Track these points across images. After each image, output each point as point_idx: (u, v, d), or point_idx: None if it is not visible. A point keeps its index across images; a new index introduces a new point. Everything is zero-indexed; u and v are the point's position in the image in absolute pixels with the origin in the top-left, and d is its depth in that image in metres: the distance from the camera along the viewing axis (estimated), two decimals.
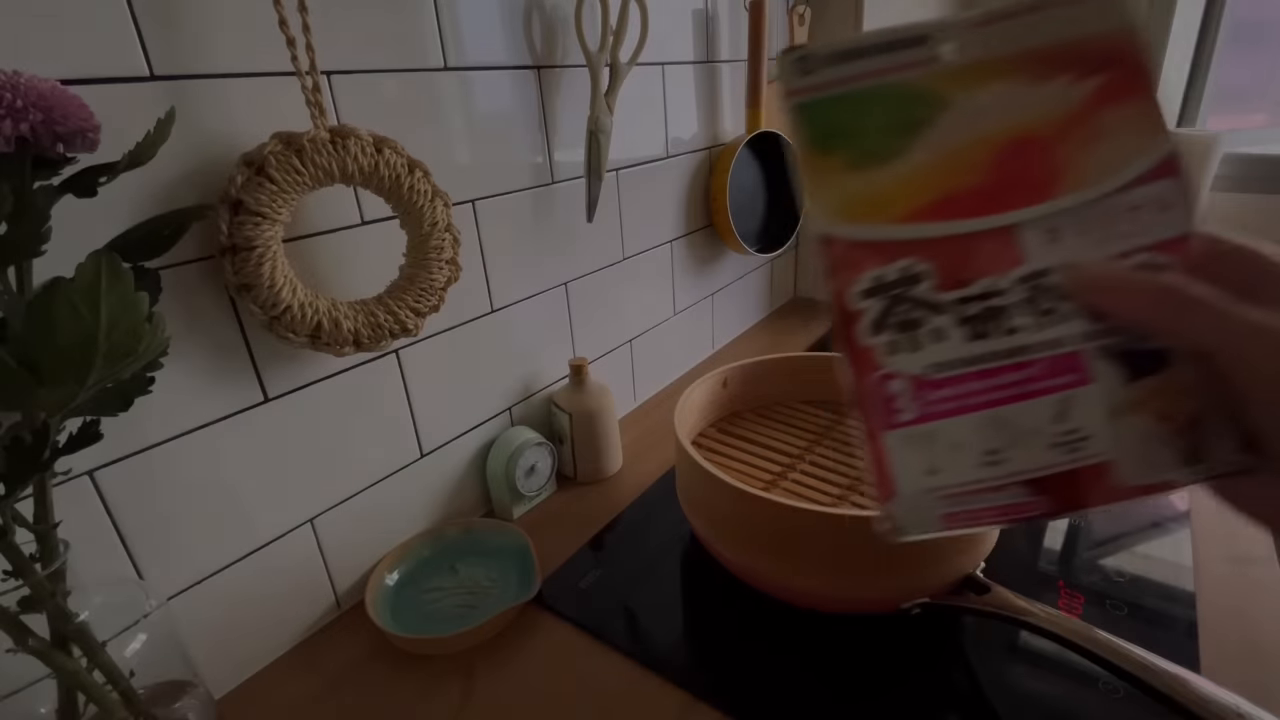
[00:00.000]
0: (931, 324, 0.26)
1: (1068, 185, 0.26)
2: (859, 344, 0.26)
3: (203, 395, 0.43)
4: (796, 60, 0.26)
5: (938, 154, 0.26)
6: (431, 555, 0.59)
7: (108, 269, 0.26)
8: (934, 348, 0.26)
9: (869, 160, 0.26)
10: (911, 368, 0.26)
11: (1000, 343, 0.26)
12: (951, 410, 0.26)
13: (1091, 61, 0.26)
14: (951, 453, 0.26)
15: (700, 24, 0.81)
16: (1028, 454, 0.26)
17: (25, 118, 0.27)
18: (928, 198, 0.26)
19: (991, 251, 0.26)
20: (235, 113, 0.42)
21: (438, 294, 0.51)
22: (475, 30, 0.55)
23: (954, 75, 0.26)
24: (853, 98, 0.26)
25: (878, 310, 0.26)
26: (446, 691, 0.47)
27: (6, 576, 0.31)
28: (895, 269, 0.26)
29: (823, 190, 0.26)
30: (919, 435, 0.26)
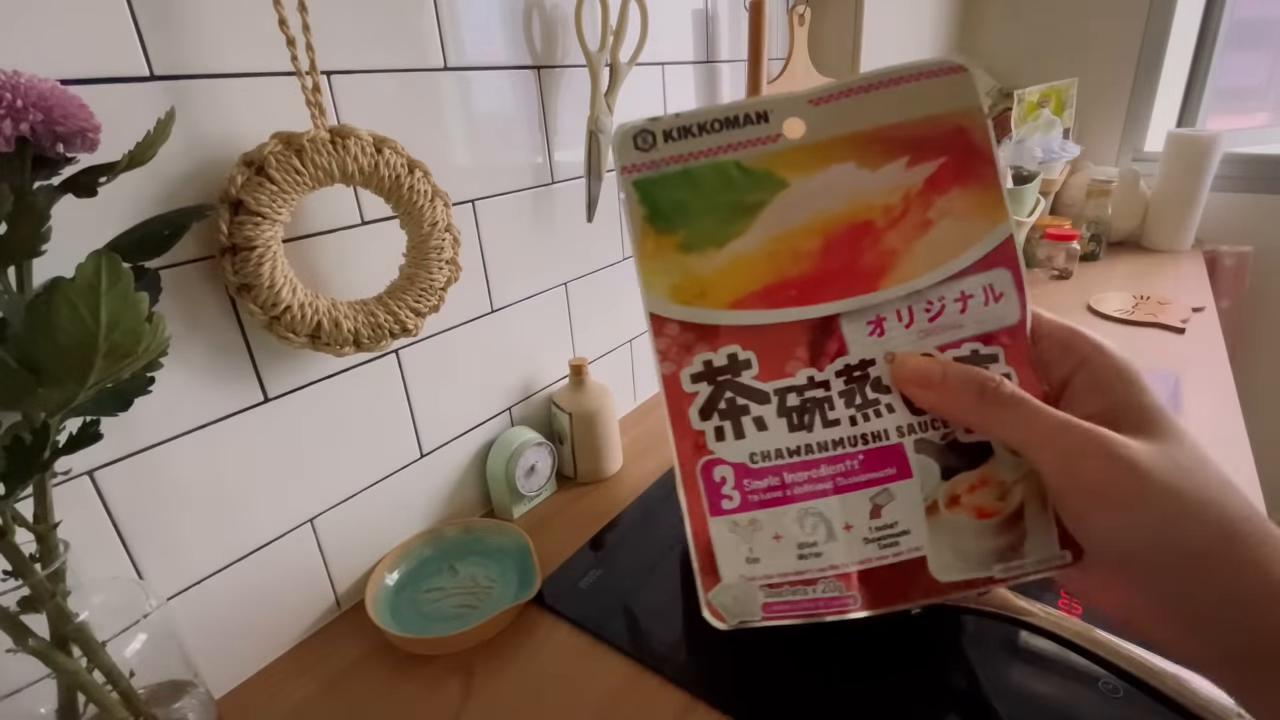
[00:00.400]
0: (754, 413, 0.26)
1: (897, 274, 0.25)
2: (690, 427, 0.26)
3: (203, 395, 0.43)
4: (635, 134, 0.25)
5: (770, 239, 0.25)
6: (431, 555, 0.59)
7: (108, 269, 0.26)
8: (756, 437, 0.26)
9: (703, 242, 0.25)
10: (736, 456, 0.26)
11: (819, 435, 0.26)
12: (773, 500, 0.26)
13: (932, 143, 0.25)
14: (772, 543, 0.26)
15: (700, 24, 0.81)
16: (845, 548, 0.26)
17: (25, 118, 0.27)
18: (757, 284, 0.25)
19: (814, 342, 0.26)
20: (235, 113, 0.42)
21: (438, 294, 0.51)
22: (475, 30, 0.55)
23: (792, 156, 0.25)
24: (691, 176, 0.25)
25: (706, 395, 0.25)
26: (446, 691, 0.47)
27: (6, 576, 0.31)
28: (723, 355, 0.25)
29: (657, 269, 0.25)
30: (742, 523, 0.26)
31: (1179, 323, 0.97)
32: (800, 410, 0.26)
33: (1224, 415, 0.74)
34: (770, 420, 0.26)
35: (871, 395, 0.26)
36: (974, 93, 0.25)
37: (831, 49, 1.05)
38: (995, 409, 0.24)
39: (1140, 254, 1.33)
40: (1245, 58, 1.43)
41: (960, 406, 0.25)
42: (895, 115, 0.25)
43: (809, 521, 0.26)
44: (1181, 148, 1.27)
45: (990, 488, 0.26)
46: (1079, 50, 1.42)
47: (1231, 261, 1.33)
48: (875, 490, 0.26)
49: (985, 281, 0.26)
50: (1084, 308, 1.06)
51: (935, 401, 0.25)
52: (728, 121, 0.25)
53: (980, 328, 0.26)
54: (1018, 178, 1.23)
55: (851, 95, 0.25)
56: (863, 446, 0.26)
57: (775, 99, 0.24)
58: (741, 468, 0.26)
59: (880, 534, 0.26)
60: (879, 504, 0.26)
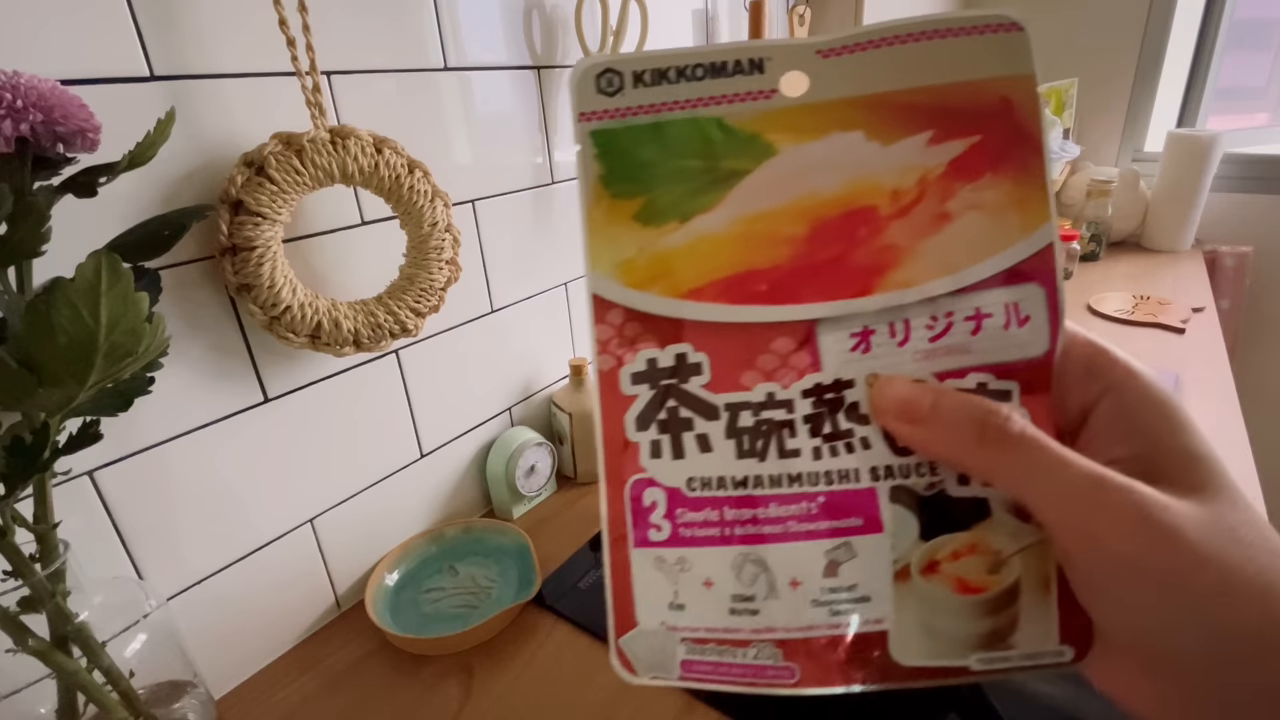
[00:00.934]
0: (699, 429, 0.21)
1: (898, 277, 0.20)
2: (623, 437, 0.21)
3: (203, 395, 0.43)
4: (600, 73, 0.20)
5: (746, 218, 0.21)
6: (431, 555, 0.59)
7: (108, 269, 0.26)
8: (698, 459, 0.21)
9: (664, 214, 0.21)
10: (671, 478, 0.21)
11: (773, 466, 0.21)
12: (708, 539, 0.21)
13: (965, 116, 0.20)
14: (701, 590, 0.21)
15: (700, 24, 0.81)
16: (788, 608, 0.21)
17: (25, 118, 0.27)
18: (721, 272, 0.21)
19: (782, 350, 0.21)
20: (235, 113, 0.41)
21: (438, 294, 0.51)
22: (475, 30, 0.55)
23: (788, 118, 0.20)
24: (662, 131, 0.20)
25: (646, 400, 0.21)
26: (446, 692, 0.47)
27: (6, 576, 0.31)
28: (671, 354, 0.21)
29: (605, 241, 0.21)
30: (669, 560, 0.21)
31: (1179, 323, 0.97)
32: (754, 433, 0.21)
33: (1224, 415, 0.74)
34: (716, 441, 0.21)
35: (845, 425, 0.21)
36: (1028, 58, 0.20)
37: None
38: (998, 452, 0.19)
39: (1140, 254, 1.33)
40: (1245, 58, 1.43)
41: (954, 446, 0.19)
42: (923, 77, 0.20)
43: (748, 570, 0.21)
44: (1181, 148, 1.27)
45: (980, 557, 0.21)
46: (1079, 50, 1.42)
47: (1231, 261, 1.33)
48: (834, 543, 0.21)
49: (1010, 298, 0.20)
50: (1084, 308, 1.06)
51: (923, 438, 0.20)
52: (714, 68, 0.20)
53: (994, 356, 0.20)
54: None
55: (870, 48, 0.20)
56: (825, 487, 0.21)
57: (775, 45, 0.20)
58: (676, 494, 0.21)
59: (834, 597, 0.21)
60: (836, 560, 0.21)
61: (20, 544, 0.31)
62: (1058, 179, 1.35)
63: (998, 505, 0.20)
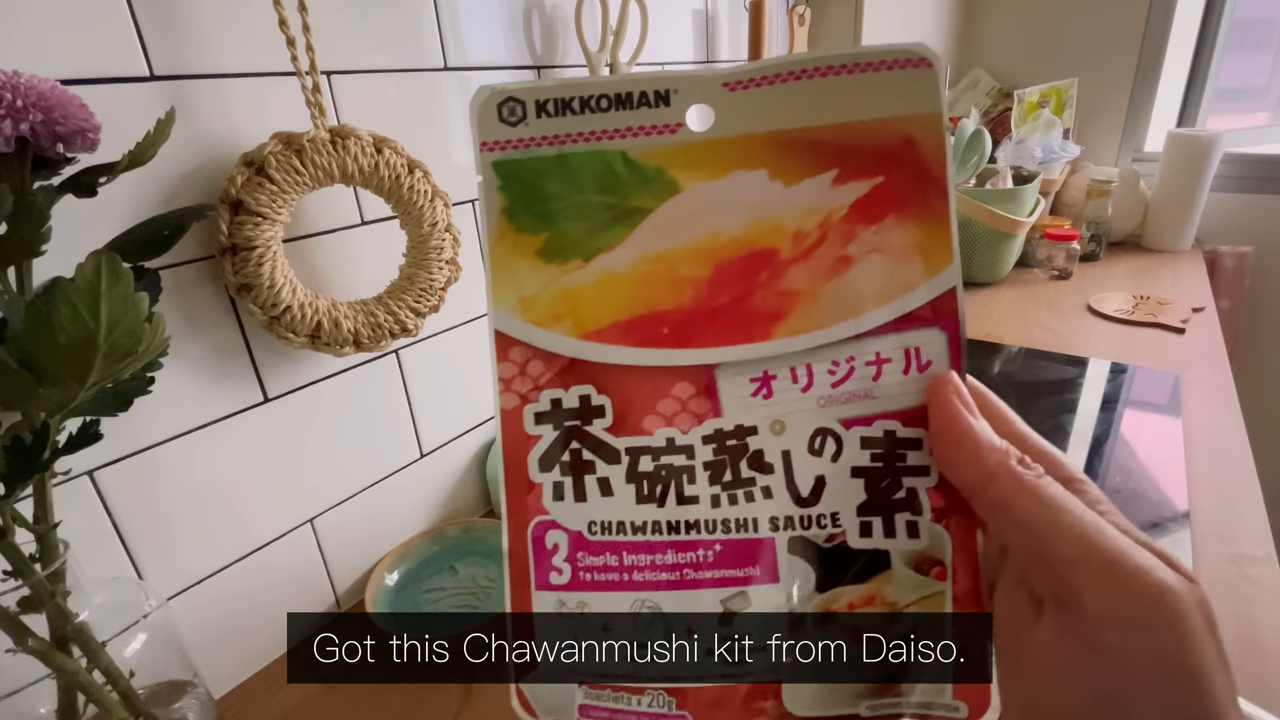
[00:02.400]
0: (600, 472, 0.21)
1: (797, 322, 0.20)
2: (526, 477, 0.21)
3: (203, 395, 0.43)
4: (501, 102, 0.20)
5: (649, 257, 0.20)
6: (431, 555, 0.59)
7: (108, 269, 0.26)
8: (599, 503, 0.21)
9: (568, 251, 0.20)
10: (573, 521, 0.21)
11: (671, 512, 0.21)
12: (607, 584, 0.21)
13: (869, 156, 0.19)
14: (599, 634, 0.21)
15: (700, 24, 0.81)
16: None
17: (25, 118, 0.27)
18: (624, 313, 0.20)
19: (683, 395, 0.20)
20: (235, 113, 0.41)
21: (438, 294, 0.51)
22: (475, 30, 0.55)
23: (693, 153, 0.20)
24: (567, 163, 0.20)
25: (550, 441, 0.21)
26: (446, 692, 0.47)
27: (6, 576, 0.31)
28: (574, 395, 0.21)
29: (508, 275, 0.20)
30: (570, 604, 0.21)
31: (1179, 323, 0.97)
32: (653, 478, 0.21)
33: (1224, 415, 0.74)
34: (617, 485, 0.21)
35: (746, 473, 0.20)
36: (935, 96, 0.19)
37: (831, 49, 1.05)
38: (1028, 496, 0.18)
39: (1140, 254, 1.33)
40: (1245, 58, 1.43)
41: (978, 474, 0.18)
42: (828, 115, 0.19)
43: (644, 617, 0.21)
44: (1181, 148, 1.27)
45: (877, 603, 0.20)
46: (1079, 50, 1.42)
47: (1231, 261, 1.33)
48: (729, 592, 0.20)
49: (911, 343, 0.20)
50: (1084, 308, 1.06)
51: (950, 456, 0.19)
52: (619, 99, 0.19)
53: (897, 403, 0.20)
54: (1018, 178, 1.23)
55: (777, 81, 0.19)
56: (722, 535, 0.20)
57: (681, 76, 0.20)
58: (578, 537, 0.21)
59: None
60: (731, 609, 0.21)
61: (20, 544, 0.31)
62: (1058, 178, 1.35)
63: (897, 558, 0.20)
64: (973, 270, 1.17)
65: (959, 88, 1.54)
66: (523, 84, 0.20)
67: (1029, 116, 1.29)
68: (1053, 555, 0.17)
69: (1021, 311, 1.07)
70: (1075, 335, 0.97)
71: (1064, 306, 1.08)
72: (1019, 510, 0.18)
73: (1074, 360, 0.90)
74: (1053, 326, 1.00)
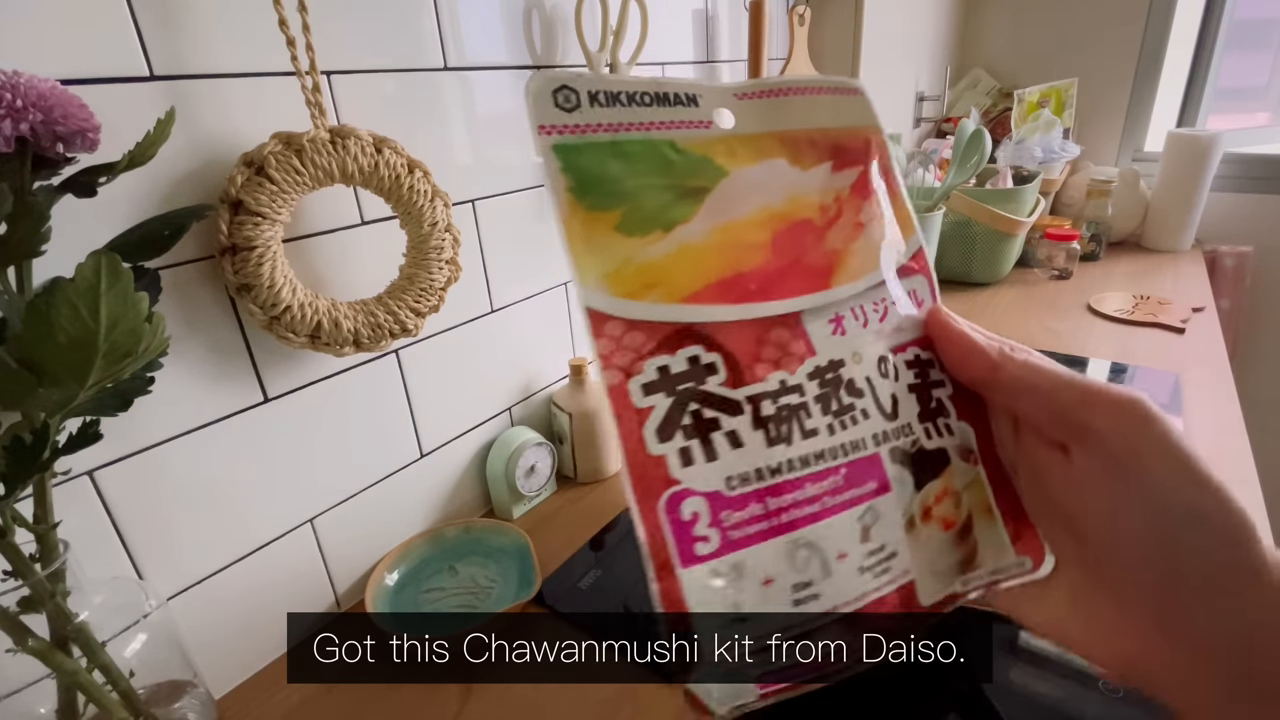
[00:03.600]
0: (726, 426, 0.21)
1: (844, 274, 0.24)
2: (646, 453, 0.20)
3: (203, 395, 0.43)
4: (556, 89, 0.21)
5: (719, 228, 0.22)
6: (431, 555, 0.59)
7: (108, 269, 0.26)
8: (731, 456, 0.21)
9: (646, 225, 0.21)
10: (709, 482, 0.21)
11: (800, 448, 0.22)
12: (757, 535, 0.21)
13: (849, 152, 0.25)
14: (762, 591, 0.21)
15: (700, 24, 0.81)
16: (842, 583, 0.22)
17: (25, 118, 0.27)
18: (712, 276, 0.22)
19: (781, 341, 0.22)
20: (235, 113, 0.42)
21: (438, 294, 0.51)
22: (475, 30, 0.55)
23: (728, 144, 0.23)
24: (622, 149, 0.21)
25: (665, 410, 0.21)
26: (446, 692, 0.47)
27: (6, 576, 0.31)
28: (682, 358, 0.21)
29: (590, 253, 0.21)
30: (724, 571, 0.20)
31: (1179, 323, 0.97)
32: (777, 420, 0.22)
33: (1224, 415, 0.74)
34: (745, 434, 0.21)
35: (846, 400, 0.23)
36: (873, 114, 0.25)
37: (831, 49, 1.05)
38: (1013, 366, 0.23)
39: (1140, 254, 1.33)
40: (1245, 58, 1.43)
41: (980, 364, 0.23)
42: (813, 121, 0.24)
43: (800, 555, 0.21)
44: (1181, 148, 1.27)
45: (950, 498, 0.24)
46: (1079, 50, 1.42)
47: (1231, 261, 1.33)
48: (861, 509, 0.22)
49: (909, 287, 0.25)
50: (1084, 308, 1.06)
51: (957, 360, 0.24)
52: (659, 97, 0.22)
53: (913, 333, 0.25)
54: (1018, 178, 1.23)
55: (770, 96, 0.24)
56: (844, 459, 0.22)
57: (704, 85, 0.23)
58: (716, 497, 0.21)
59: (873, 560, 0.22)
60: (866, 525, 0.22)
61: (20, 544, 0.31)
62: (1058, 178, 1.35)
63: (953, 452, 0.24)
64: (973, 270, 1.17)
65: (959, 88, 1.54)
66: (575, 73, 0.21)
67: (1029, 116, 1.29)
68: (1062, 404, 0.22)
69: (1021, 311, 1.07)
70: (1075, 335, 0.97)
71: (1064, 306, 1.08)
72: (1026, 381, 0.22)
73: (1074, 360, 0.90)
74: (1053, 326, 1.00)
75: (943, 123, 1.45)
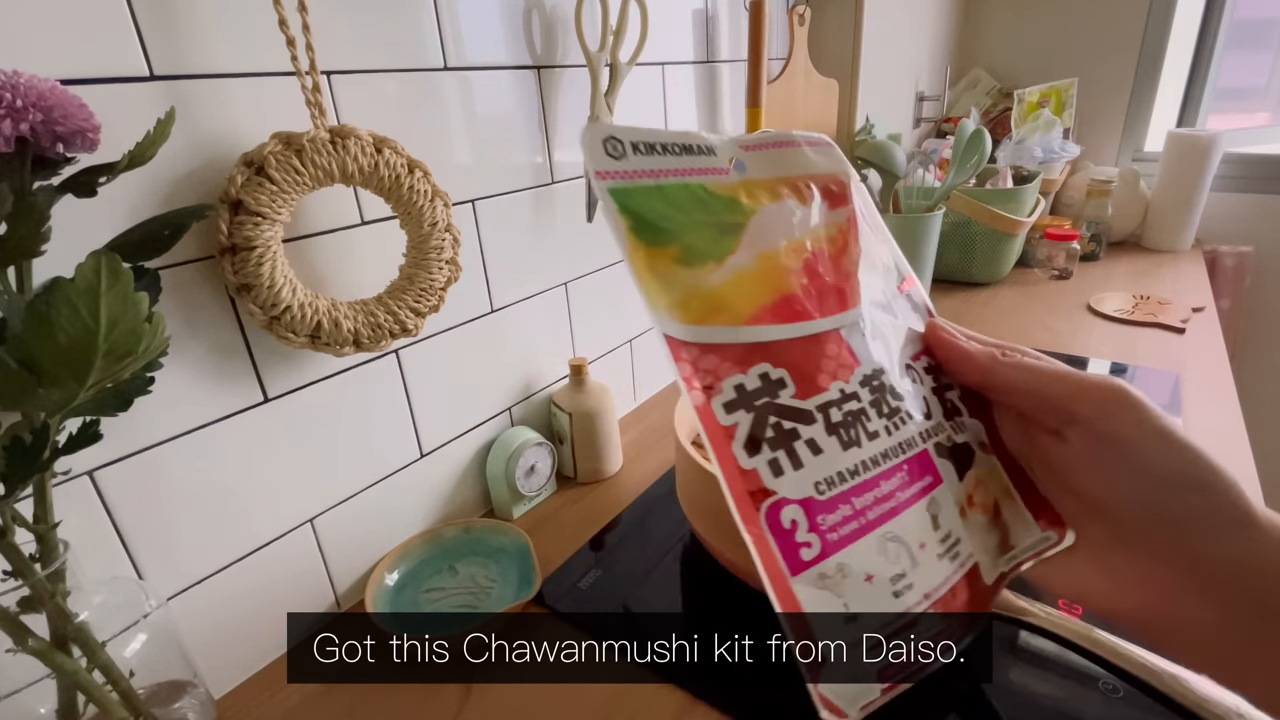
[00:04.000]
0: (804, 435, 0.23)
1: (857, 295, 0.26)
2: (739, 468, 0.22)
3: (202, 395, 0.43)
4: (606, 140, 0.23)
5: (761, 256, 0.25)
6: (431, 555, 0.59)
7: (108, 269, 0.26)
8: (815, 462, 0.22)
9: (702, 257, 0.24)
10: (800, 489, 0.22)
11: (869, 449, 0.24)
12: (852, 535, 0.22)
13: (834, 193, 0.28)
14: (866, 589, 0.22)
15: (700, 24, 0.81)
16: (928, 569, 0.23)
17: (25, 118, 0.27)
18: (766, 299, 0.24)
19: (832, 354, 0.25)
20: (235, 113, 0.41)
21: (438, 294, 0.51)
22: (475, 30, 0.55)
23: (748, 187, 0.26)
24: (665, 193, 0.24)
25: (748, 425, 0.22)
26: (446, 692, 0.47)
27: (6, 576, 0.31)
28: (754, 375, 0.23)
29: (658, 285, 0.23)
30: (830, 573, 0.22)
31: (1179, 323, 0.97)
32: (846, 425, 0.24)
33: (1224, 415, 0.74)
34: (823, 441, 0.23)
35: (893, 403, 0.25)
36: (842, 161, 0.29)
37: (831, 49, 1.05)
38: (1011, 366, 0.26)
39: (1140, 254, 1.33)
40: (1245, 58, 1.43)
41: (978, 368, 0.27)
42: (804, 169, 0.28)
43: (890, 549, 0.23)
44: (1181, 148, 1.27)
45: (982, 486, 0.26)
46: (1079, 50, 1.42)
47: (1231, 261, 1.33)
48: (927, 500, 0.24)
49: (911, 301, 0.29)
50: (1084, 308, 1.06)
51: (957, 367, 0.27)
52: (685, 148, 0.25)
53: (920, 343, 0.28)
54: (1018, 178, 1.23)
55: (768, 149, 0.27)
56: (904, 455, 0.24)
57: (716, 139, 0.26)
58: (810, 503, 0.22)
59: (945, 547, 0.24)
60: (934, 514, 0.24)
61: (20, 544, 0.31)
62: (1058, 178, 1.35)
63: (974, 446, 0.27)
64: (973, 270, 1.17)
65: (959, 88, 1.54)
66: (619, 127, 0.24)
67: (1029, 116, 1.29)
68: (1053, 398, 0.25)
69: (1021, 311, 1.07)
70: (1075, 335, 0.97)
71: (1064, 306, 1.08)
72: (1019, 382, 0.26)
73: (1074, 360, 0.90)
74: (1053, 326, 1.00)
75: (943, 123, 1.45)
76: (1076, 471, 0.25)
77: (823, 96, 1.05)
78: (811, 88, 1.02)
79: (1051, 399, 0.25)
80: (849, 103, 1.09)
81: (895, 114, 1.29)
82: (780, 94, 0.96)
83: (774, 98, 0.94)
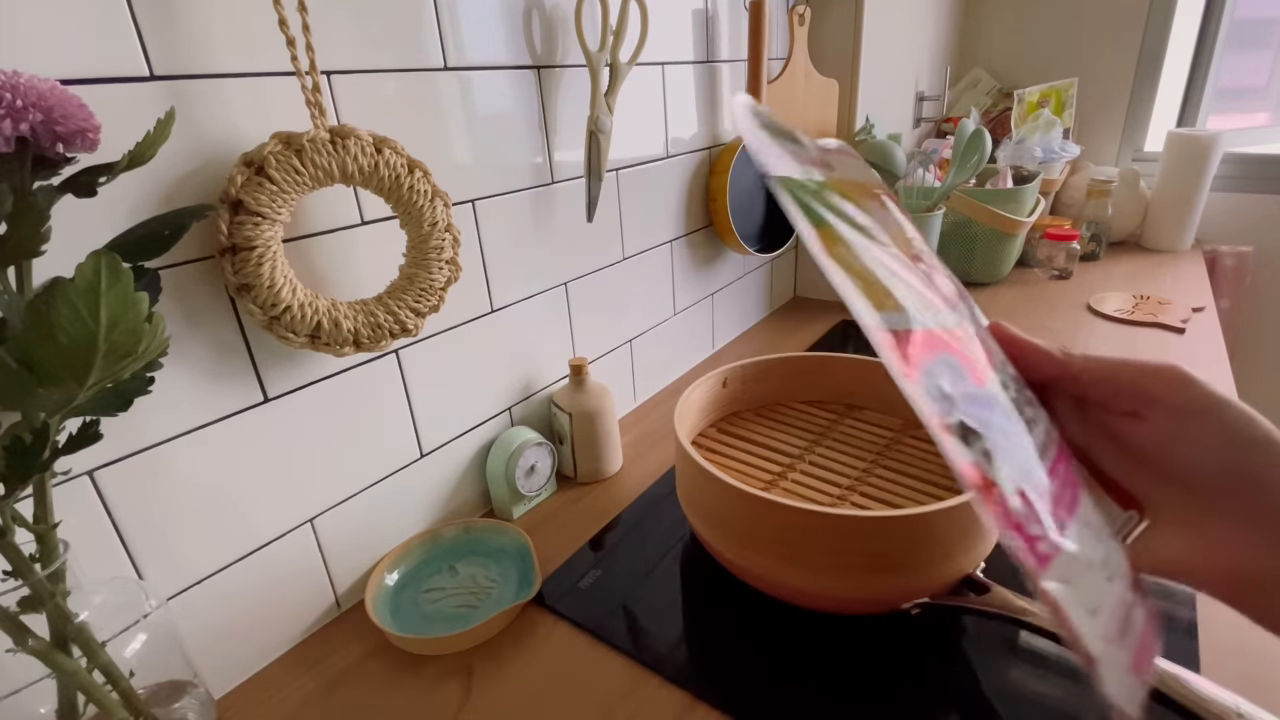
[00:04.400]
0: (997, 424, 0.21)
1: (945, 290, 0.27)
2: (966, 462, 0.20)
3: (202, 395, 0.43)
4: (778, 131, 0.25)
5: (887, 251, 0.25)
6: (431, 555, 0.59)
7: (108, 269, 0.26)
8: (1010, 448, 0.21)
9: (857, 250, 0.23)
10: (1014, 478, 0.20)
11: (1038, 436, 0.24)
12: (1069, 514, 0.22)
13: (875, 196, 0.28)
14: (1090, 575, 0.21)
15: (700, 24, 0.81)
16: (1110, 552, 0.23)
17: (25, 118, 0.27)
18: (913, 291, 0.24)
19: (975, 346, 0.25)
20: (235, 113, 0.42)
21: (438, 294, 0.51)
22: (475, 30, 0.55)
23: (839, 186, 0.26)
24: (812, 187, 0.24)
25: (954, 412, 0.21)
26: (446, 692, 0.47)
27: (6, 576, 0.31)
28: (944, 363, 0.21)
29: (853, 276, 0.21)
30: (1066, 564, 0.20)
31: (1179, 323, 0.97)
32: (1018, 408, 0.24)
33: None
34: (1010, 428, 0.22)
35: (1028, 394, 0.26)
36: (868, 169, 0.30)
37: (831, 49, 1.05)
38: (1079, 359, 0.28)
39: (1140, 254, 1.33)
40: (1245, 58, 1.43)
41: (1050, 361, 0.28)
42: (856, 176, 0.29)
43: (1087, 535, 0.22)
44: (1181, 148, 1.27)
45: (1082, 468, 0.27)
46: (1079, 50, 1.42)
47: (1231, 261, 1.33)
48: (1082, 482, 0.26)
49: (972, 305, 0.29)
50: (1084, 307, 1.06)
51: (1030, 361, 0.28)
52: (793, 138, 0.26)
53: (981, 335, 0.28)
54: (1018, 178, 1.23)
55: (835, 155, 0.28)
56: (1057, 444, 0.26)
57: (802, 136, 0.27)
58: (1024, 496, 0.20)
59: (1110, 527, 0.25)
60: (1091, 495, 0.26)
61: (20, 544, 0.31)
62: (1058, 178, 1.35)
63: None
64: (973, 270, 1.17)
65: (959, 88, 1.54)
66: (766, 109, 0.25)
67: (1029, 116, 1.29)
68: (1124, 382, 0.26)
69: (1021, 311, 1.07)
70: (1075, 335, 0.97)
71: (1064, 306, 1.08)
72: (1091, 371, 0.27)
73: None
74: (1053, 326, 1.00)
75: (943, 123, 1.45)
76: (1161, 446, 0.26)
77: (823, 96, 1.05)
78: (811, 88, 1.02)
79: (1125, 383, 0.26)
80: (849, 103, 1.09)
81: (895, 114, 1.29)
82: (780, 94, 0.96)
83: (774, 98, 0.94)
